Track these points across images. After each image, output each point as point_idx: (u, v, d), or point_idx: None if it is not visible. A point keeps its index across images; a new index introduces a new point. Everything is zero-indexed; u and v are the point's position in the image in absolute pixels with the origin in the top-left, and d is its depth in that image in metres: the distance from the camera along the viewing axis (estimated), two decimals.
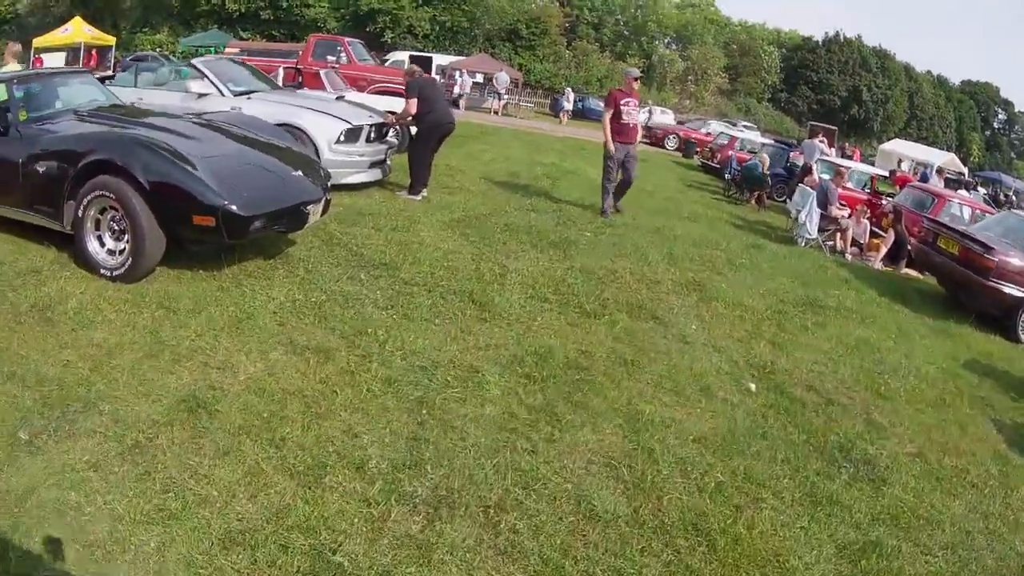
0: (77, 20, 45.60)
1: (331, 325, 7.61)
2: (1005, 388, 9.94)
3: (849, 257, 18.04)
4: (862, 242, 18.99)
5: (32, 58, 41.57)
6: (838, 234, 18.40)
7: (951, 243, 14.70)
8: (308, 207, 8.72)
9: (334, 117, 13.59)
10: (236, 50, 33.51)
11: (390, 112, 15.83)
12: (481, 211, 13.92)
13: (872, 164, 38.90)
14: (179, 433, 5.43)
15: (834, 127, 59.38)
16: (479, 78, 54.43)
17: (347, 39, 29.69)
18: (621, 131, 15.54)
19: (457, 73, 51.93)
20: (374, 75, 27.37)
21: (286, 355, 6.87)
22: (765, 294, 11.69)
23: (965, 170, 52.72)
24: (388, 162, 15.18)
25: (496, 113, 49.17)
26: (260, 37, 67.02)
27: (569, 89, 59.18)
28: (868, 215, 20.07)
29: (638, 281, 10.94)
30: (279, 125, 12.25)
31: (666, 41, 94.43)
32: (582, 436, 6.27)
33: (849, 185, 23.22)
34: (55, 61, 41.00)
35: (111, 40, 47.45)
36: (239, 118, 10.90)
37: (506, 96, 52.17)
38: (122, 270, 7.95)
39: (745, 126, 60.01)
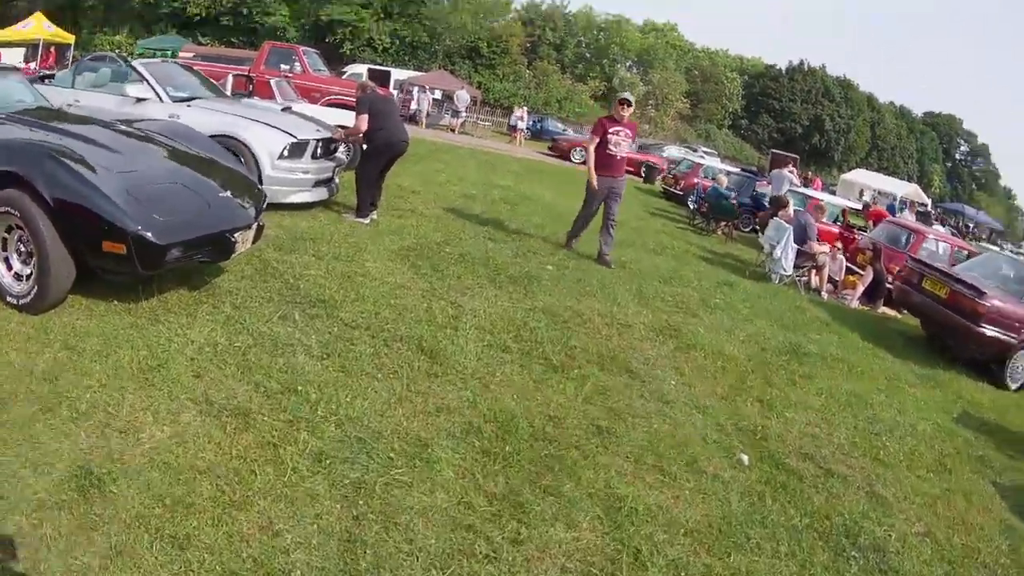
0: (38, 16, 45.76)
1: (255, 379, 6.45)
2: (1000, 444, 9.44)
3: (825, 295, 17.28)
4: (837, 279, 18.24)
5: None
6: (813, 271, 17.48)
7: (938, 285, 14.10)
8: (236, 235, 7.62)
9: (278, 130, 12.52)
10: (190, 55, 32.55)
11: (339, 127, 14.70)
12: (434, 238, 12.82)
13: (833, 194, 38.28)
14: (67, 521, 4.39)
15: (795, 155, 59.25)
16: (438, 95, 53.67)
17: (302, 48, 28.69)
18: (606, 163, 14.07)
19: (416, 89, 51.42)
20: (328, 87, 26.29)
21: (199, 417, 5.75)
22: (746, 340, 10.82)
23: (928, 201, 52.90)
24: (336, 180, 14.11)
25: (454, 131, 48.48)
26: (220, 43, 66.00)
27: (523, 108, 58.23)
28: (842, 251, 19.17)
29: (608, 325, 9.90)
30: (219, 136, 11.38)
31: (627, 64, 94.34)
32: (554, 534, 5.16)
33: (822, 219, 22.28)
34: (13, 57, 41.15)
35: (70, 38, 47.55)
36: (172, 128, 9.77)
37: (464, 114, 51.48)
38: (28, 299, 6.92)
39: (705, 152, 59.85)
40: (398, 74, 55.93)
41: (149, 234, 6.64)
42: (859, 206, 28.37)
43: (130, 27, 71.46)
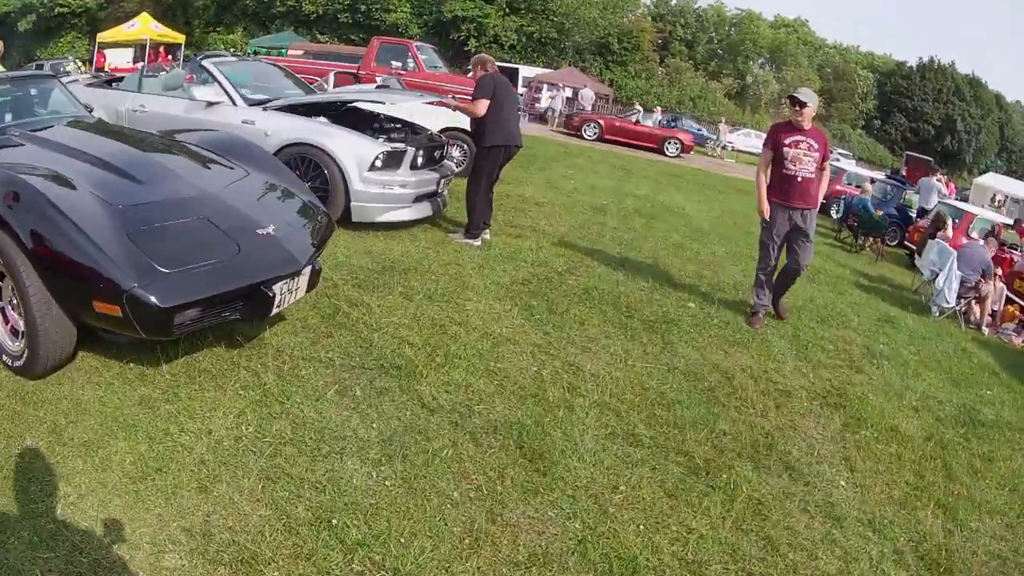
0: (144, 16, 45.82)
1: (279, 497, 4.64)
2: None
3: (986, 331, 15.02)
4: (996, 309, 15.84)
5: (95, 53, 44.60)
6: (975, 302, 15.29)
7: None
8: (275, 286, 5.85)
9: (368, 137, 10.83)
10: (299, 52, 31.59)
11: (453, 98, 12.71)
12: (555, 266, 10.95)
13: (966, 199, 35.83)
14: None
15: (929, 158, 56.78)
16: (569, 93, 52.17)
17: (415, 43, 27.03)
18: (783, 186, 10.31)
19: (545, 87, 50.08)
20: (445, 84, 24.33)
21: (188, 560, 4.08)
22: (919, 407, 8.84)
23: None
24: (444, 193, 12.29)
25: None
26: (338, 40, 65.65)
27: (658, 108, 57.22)
28: (1000, 275, 16.84)
29: (763, 394, 7.93)
30: (297, 144, 10.17)
31: (760, 62, 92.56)
32: None
33: (975, 235, 19.87)
34: (120, 57, 43.05)
35: (180, 38, 47.59)
36: (221, 140, 8.08)
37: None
38: (22, 360, 5.51)
39: (841, 154, 57.83)
40: (526, 71, 55.31)
41: (150, 294, 5.01)
42: (1011, 220, 25.48)
43: (244, 26, 72.09)
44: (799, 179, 10.14)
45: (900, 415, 8.41)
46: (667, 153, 41.98)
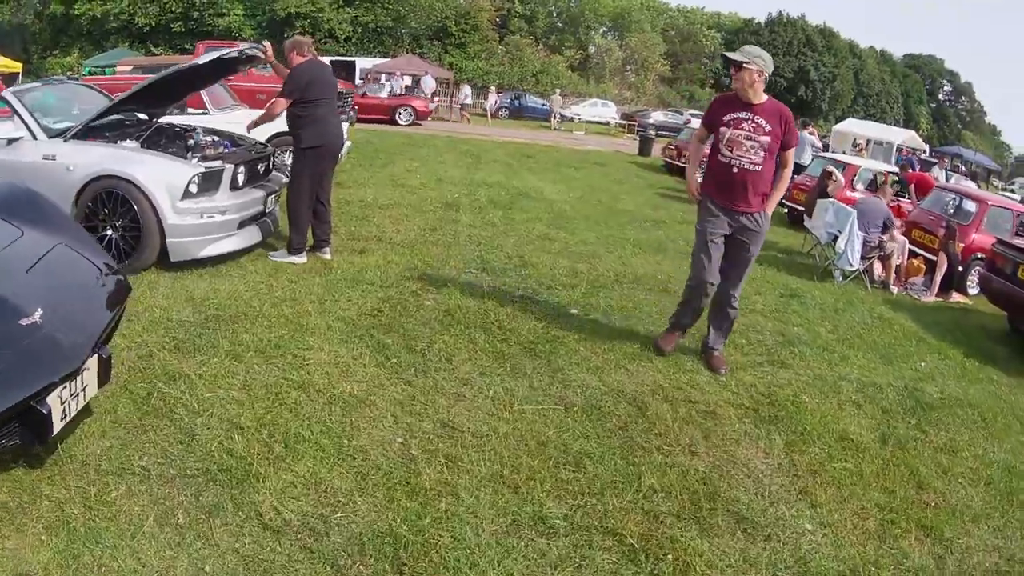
0: None
1: None
2: None
3: (895, 289, 14.29)
4: (899, 263, 15.04)
5: None
6: (878, 260, 14.48)
7: None
8: (49, 397, 4.18)
9: (180, 159, 9.15)
10: (128, 68, 29.70)
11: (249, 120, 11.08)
12: (408, 285, 9.40)
13: (827, 147, 35.95)
14: None
15: None
16: (407, 81, 51.16)
17: (242, 45, 25.53)
18: (716, 178, 7.89)
19: (383, 77, 49.00)
20: (274, 84, 22.72)
21: None
22: (860, 401, 7.81)
23: (926, 147, 51.21)
24: (274, 212, 10.77)
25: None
26: (172, 51, 63.73)
27: (493, 88, 59.92)
28: (900, 228, 15.85)
29: (684, 420, 6.54)
30: (101, 177, 8.65)
31: (602, 31, 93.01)
32: None
33: (860, 188, 19.52)
34: None
35: (17, 67, 44.99)
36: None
37: (436, 101, 50.44)
38: None
39: (692, 115, 58.82)
40: (363, 63, 54.99)
41: None
42: (894, 168, 24.78)
43: (80, 47, 69.97)
44: (735, 170, 7.66)
45: (844, 415, 7.38)
46: (400, 122, 40.42)
